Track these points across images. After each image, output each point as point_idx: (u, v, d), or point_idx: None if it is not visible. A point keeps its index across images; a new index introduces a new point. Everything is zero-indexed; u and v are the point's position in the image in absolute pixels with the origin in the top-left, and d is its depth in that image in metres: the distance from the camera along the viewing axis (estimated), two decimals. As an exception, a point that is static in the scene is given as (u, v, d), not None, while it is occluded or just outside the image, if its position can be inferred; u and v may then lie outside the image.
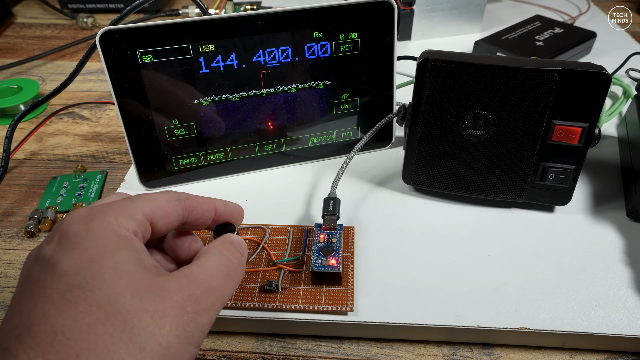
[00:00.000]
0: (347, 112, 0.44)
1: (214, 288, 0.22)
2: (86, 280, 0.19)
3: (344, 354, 0.32)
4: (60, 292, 0.19)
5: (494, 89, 0.35)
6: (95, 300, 0.19)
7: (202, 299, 0.21)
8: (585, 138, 0.35)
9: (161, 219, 0.24)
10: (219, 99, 0.40)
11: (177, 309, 0.20)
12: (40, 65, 0.67)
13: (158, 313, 0.20)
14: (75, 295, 0.19)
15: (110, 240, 0.21)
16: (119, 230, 0.21)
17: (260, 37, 0.38)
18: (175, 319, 0.20)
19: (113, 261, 0.20)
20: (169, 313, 0.20)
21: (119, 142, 0.52)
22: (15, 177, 0.47)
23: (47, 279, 0.20)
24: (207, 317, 0.21)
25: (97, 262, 0.20)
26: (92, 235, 0.21)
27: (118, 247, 0.21)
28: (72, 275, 0.19)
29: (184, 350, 0.20)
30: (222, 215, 0.27)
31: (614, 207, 0.40)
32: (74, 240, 0.21)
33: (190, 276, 0.22)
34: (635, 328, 0.31)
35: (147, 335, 0.19)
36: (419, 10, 0.65)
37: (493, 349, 0.32)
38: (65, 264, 0.20)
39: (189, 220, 0.26)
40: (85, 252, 0.20)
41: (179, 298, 0.20)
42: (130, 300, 0.19)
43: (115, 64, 0.37)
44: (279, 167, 0.45)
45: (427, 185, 0.40)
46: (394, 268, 0.35)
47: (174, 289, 0.21)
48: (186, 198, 0.25)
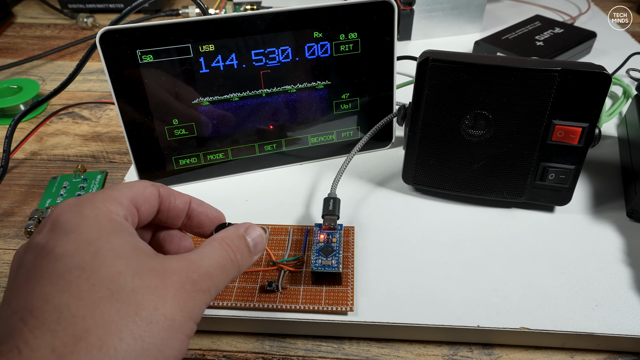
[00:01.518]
0: (347, 112, 0.44)
1: (210, 274, 0.22)
2: (85, 261, 0.19)
3: (344, 354, 0.32)
4: (59, 273, 0.19)
5: (494, 89, 0.35)
6: (97, 280, 0.19)
7: (199, 281, 0.22)
8: (585, 138, 0.35)
9: (143, 204, 0.24)
10: (219, 99, 0.40)
11: (177, 286, 0.21)
12: (40, 65, 0.67)
13: (159, 290, 0.20)
14: (76, 276, 0.19)
15: (104, 225, 0.21)
16: (110, 215, 0.22)
17: (260, 37, 0.38)
18: (176, 295, 0.20)
19: (110, 243, 0.20)
20: (170, 290, 0.20)
21: (119, 142, 0.52)
22: (15, 177, 0.47)
23: (43, 264, 0.20)
24: (204, 297, 0.22)
25: (93, 244, 0.20)
26: (84, 221, 0.21)
27: (112, 231, 0.21)
28: (69, 257, 0.20)
29: (186, 323, 0.20)
30: (195, 211, 0.27)
31: (614, 207, 0.40)
32: (67, 227, 0.21)
33: (188, 260, 0.22)
34: (635, 328, 0.31)
35: (151, 309, 0.19)
36: (419, 10, 0.65)
37: (493, 349, 0.32)
38: (60, 248, 0.20)
39: (162, 209, 0.26)
40: (80, 236, 0.20)
41: (178, 278, 0.21)
42: (132, 279, 0.20)
43: (115, 64, 0.37)
44: (279, 167, 0.45)
45: (427, 185, 0.40)
46: (394, 268, 0.35)
47: (173, 270, 0.21)
48: (160, 186, 0.26)
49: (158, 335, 0.19)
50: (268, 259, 0.35)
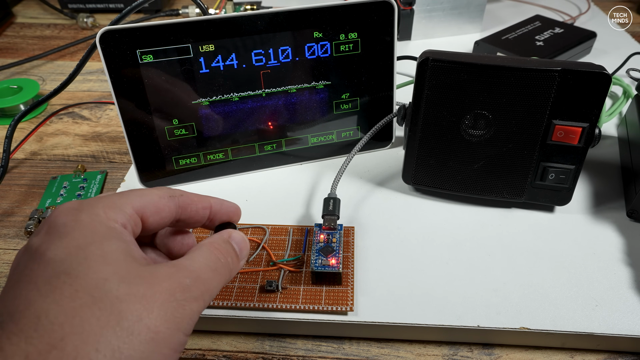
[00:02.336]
0: (347, 112, 0.44)
1: (203, 279, 0.22)
2: (72, 267, 0.19)
3: (344, 354, 0.32)
4: (46, 278, 0.19)
5: (494, 89, 0.35)
6: (81, 286, 0.19)
7: (191, 287, 0.21)
8: (585, 138, 0.35)
9: (152, 214, 0.23)
10: (219, 99, 0.40)
11: (166, 295, 0.20)
12: (40, 65, 0.67)
13: (146, 298, 0.19)
14: (62, 281, 0.19)
15: (98, 230, 0.21)
16: (107, 222, 0.21)
17: (260, 37, 0.38)
18: (164, 304, 0.20)
19: (101, 249, 0.20)
20: (158, 298, 0.20)
21: (119, 142, 0.52)
22: (15, 177, 0.47)
23: (34, 267, 0.20)
24: (196, 305, 0.21)
25: (84, 250, 0.20)
26: (79, 226, 0.21)
27: (106, 237, 0.21)
28: (58, 262, 0.19)
29: (172, 336, 0.20)
30: (217, 213, 0.27)
31: (614, 207, 0.40)
32: (61, 231, 0.21)
33: (178, 266, 0.22)
34: (635, 328, 0.31)
35: (134, 319, 0.19)
36: (419, 10, 0.65)
37: (493, 349, 0.32)
38: (52, 252, 0.20)
39: (183, 218, 0.25)
40: (73, 241, 0.20)
41: (168, 285, 0.20)
42: (118, 286, 0.19)
43: (115, 64, 0.37)
44: (279, 167, 0.45)
45: (427, 185, 0.40)
46: (394, 268, 0.35)
47: (163, 276, 0.21)
48: (180, 195, 0.25)
49: (138, 347, 0.18)
50: (268, 259, 0.35)
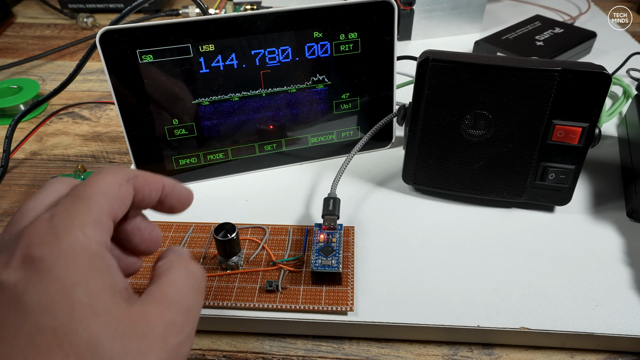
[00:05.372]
0: (347, 112, 0.44)
1: (192, 310, 0.21)
2: (59, 321, 0.17)
3: (344, 354, 0.32)
4: (29, 334, 0.17)
5: (494, 89, 0.35)
6: (72, 347, 0.17)
7: (184, 325, 0.20)
8: (585, 138, 0.35)
9: (120, 209, 0.22)
10: (219, 99, 0.40)
11: (161, 343, 0.19)
12: (40, 65, 0.67)
13: (141, 352, 0.18)
14: (48, 341, 0.17)
15: (81, 264, 0.19)
16: (89, 246, 0.19)
17: (260, 37, 0.38)
18: (160, 355, 0.19)
19: (87, 294, 0.18)
20: (153, 350, 0.19)
21: (119, 142, 0.52)
22: (15, 177, 0.47)
23: (10, 315, 0.17)
24: (188, 346, 0.21)
25: (69, 296, 0.18)
26: (60, 260, 0.18)
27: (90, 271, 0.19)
28: (39, 313, 0.17)
29: None
30: (168, 196, 0.25)
31: (614, 207, 0.40)
32: (39, 267, 0.18)
33: (166, 300, 0.21)
34: (635, 328, 0.31)
35: None
36: (419, 10, 0.65)
37: (493, 349, 0.32)
38: (31, 297, 0.17)
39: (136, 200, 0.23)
40: (55, 283, 0.18)
41: (161, 330, 0.19)
42: (112, 344, 0.18)
43: (115, 63, 0.37)
44: (279, 167, 0.45)
45: (427, 185, 0.40)
46: (394, 268, 0.35)
47: (155, 319, 0.20)
48: (135, 176, 0.23)
49: None
50: (268, 259, 0.35)
